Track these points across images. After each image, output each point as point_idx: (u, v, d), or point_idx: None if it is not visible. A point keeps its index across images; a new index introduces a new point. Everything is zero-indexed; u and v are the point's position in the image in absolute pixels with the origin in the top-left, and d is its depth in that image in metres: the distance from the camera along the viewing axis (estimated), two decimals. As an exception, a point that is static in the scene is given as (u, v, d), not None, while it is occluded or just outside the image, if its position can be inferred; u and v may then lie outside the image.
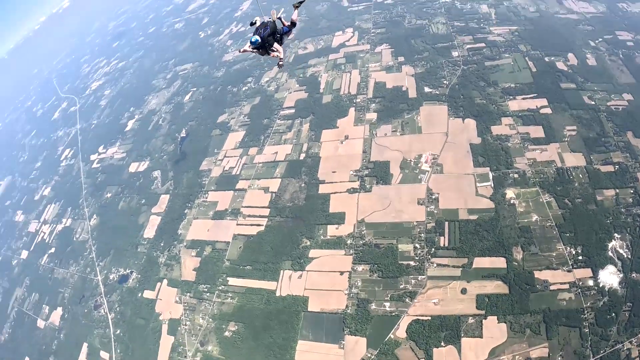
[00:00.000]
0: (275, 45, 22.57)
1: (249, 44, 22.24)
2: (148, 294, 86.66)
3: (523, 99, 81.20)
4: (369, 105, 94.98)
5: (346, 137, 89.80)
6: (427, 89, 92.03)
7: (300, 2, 25.51)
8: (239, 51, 24.86)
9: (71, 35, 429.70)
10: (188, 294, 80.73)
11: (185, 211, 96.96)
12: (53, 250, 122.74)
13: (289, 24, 24.22)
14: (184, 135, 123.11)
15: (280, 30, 22.99)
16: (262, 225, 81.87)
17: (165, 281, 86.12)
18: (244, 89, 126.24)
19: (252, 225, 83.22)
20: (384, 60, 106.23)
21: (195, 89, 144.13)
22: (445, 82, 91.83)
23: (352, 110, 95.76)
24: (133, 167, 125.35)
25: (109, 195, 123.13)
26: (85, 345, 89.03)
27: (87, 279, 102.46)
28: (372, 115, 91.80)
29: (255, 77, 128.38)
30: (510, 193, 66.96)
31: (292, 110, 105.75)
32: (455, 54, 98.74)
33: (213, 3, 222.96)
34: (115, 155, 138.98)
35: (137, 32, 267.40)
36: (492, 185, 68.93)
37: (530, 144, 72.94)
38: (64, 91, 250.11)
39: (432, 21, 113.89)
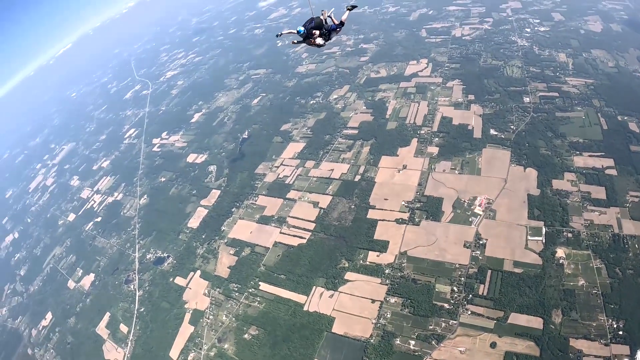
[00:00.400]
0: (317, 32, 27.05)
1: (296, 31, 27.06)
2: (179, 281, 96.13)
3: (589, 156, 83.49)
4: (432, 139, 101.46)
5: (404, 167, 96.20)
6: (493, 131, 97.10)
7: (353, 7, 29.81)
8: (279, 34, 28.69)
9: (155, 24, 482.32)
10: (218, 289, 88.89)
11: (233, 209, 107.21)
12: (99, 219, 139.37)
13: (338, 23, 28.31)
14: (246, 136, 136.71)
15: (328, 27, 27.33)
16: (305, 238, 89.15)
17: (198, 272, 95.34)
18: (311, 102, 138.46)
19: (294, 236, 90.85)
20: (454, 96, 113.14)
21: (264, 94, 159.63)
22: (512, 127, 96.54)
23: (414, 141, 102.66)
24: (191, 158, 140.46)
25: (163, 179, 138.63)
26: (107, 314, 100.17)
27: (124, 253, 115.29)
28: (433, 149, 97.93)
29: (324, 92, 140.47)
30: (560, 252, 68.58)
31: (356, 131, 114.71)
32: (526, 99, 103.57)
33: (294, 15, 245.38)
34: (176, 144, 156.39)
35: (218, 31, 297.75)
36: (544, 241, 70.91)
37: (589, 204, 74.52)
38: (140, 74, 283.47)
39: (508, 63, 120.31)
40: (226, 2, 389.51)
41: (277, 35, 29.21)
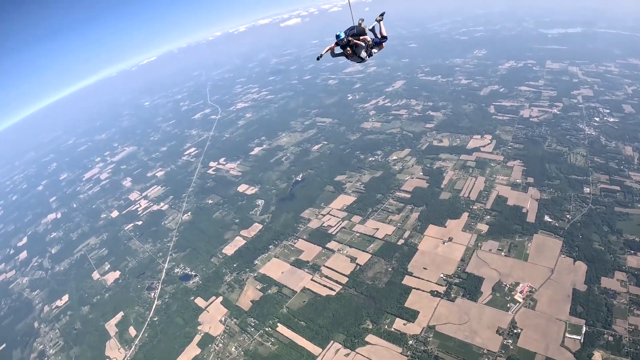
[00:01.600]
0: (368, 39, 26.04)
1: (335, 41, 26.24)
2: (199, 302, 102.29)
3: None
4: (484, 216, 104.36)
5: (450, 239, 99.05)
6: (547, 218, 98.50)
7: (382, 15, 29.05)
8: (319, 56, 27.20)
9: (237, 56, 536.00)
10: (235, 319, 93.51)
11: (270, 246, 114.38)
12: (140, 223, 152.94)
13: (381, 36, 27.74)
14: (299, 179, 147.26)
15: (371, 44, 26.32)
16: (335, 290, 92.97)
17: (220, 298, 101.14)
18: (370, 159, 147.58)
19: (325, 286, 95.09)
20: (513, 176, 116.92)
21: (326, 142, 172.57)
22: (568, 216, 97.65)
23: (465, 215, 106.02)
24: (242, 188, 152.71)
25: (210, 201, 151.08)
26: (121, 313, 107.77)
27: (155, 261, 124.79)
28: (483, 227, 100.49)
29: (385, 152, 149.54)
30: (597, 356, 66.42)
31: (408, 195, 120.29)
32: (586, 190, 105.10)
33: (369, 72, 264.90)
34: (231, 171, 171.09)
35: (294, 74, 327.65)
36: (582, 341, 69.28)
37: (637, 309, 72.62)
38: (212, 100, 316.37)
39: (573, 150, 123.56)
40: (307, 49, 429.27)
41: (317, 58, 27.57)
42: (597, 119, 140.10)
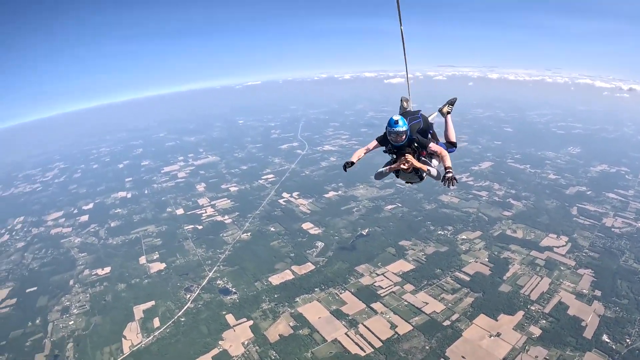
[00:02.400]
0: (433, 153, 18.21)
1: (375, 142, 18.58)
2: (229, 318, 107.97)
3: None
4: (539, 319, 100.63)
5: (498, 334, 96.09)
6: (605, 337, 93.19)
7: (452, 104, 22.30)
8: (349, 163, 18.32)
9: (335, 102, 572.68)
10: (257, 347, 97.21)
11: (316, 289, 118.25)
12: (200, 227, 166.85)
13: (446, 142, 20.56)
14: (364, 233, 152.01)
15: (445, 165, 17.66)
16: (365, 352, 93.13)
17: (250, 322, 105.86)
18: (439, 232, 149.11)
19: (357, 344, 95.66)
20: (581, 285, 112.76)
21: (400, 205, 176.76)
22: (628, 340, 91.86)
23: (520, 314, 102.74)
24: (306, 226, 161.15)
25: (272, 229, 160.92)
26: (152, 302, 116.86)
27: (202, 267, 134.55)
28: (536, 330, 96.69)
29: (455, 229, 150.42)
30: None
31: (467, 278, 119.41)
32: None
33: (460, 147, 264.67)
34: (301, 207, 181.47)
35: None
36: None
37: None
38: (302, 135, 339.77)
39: None
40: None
41: (344, 167, 18.75)
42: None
